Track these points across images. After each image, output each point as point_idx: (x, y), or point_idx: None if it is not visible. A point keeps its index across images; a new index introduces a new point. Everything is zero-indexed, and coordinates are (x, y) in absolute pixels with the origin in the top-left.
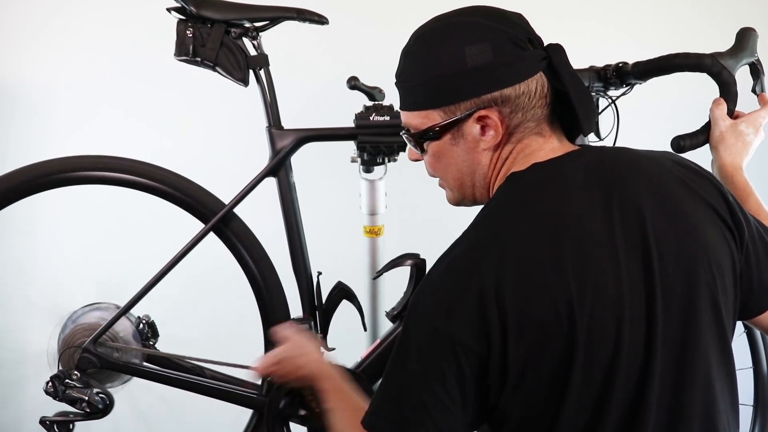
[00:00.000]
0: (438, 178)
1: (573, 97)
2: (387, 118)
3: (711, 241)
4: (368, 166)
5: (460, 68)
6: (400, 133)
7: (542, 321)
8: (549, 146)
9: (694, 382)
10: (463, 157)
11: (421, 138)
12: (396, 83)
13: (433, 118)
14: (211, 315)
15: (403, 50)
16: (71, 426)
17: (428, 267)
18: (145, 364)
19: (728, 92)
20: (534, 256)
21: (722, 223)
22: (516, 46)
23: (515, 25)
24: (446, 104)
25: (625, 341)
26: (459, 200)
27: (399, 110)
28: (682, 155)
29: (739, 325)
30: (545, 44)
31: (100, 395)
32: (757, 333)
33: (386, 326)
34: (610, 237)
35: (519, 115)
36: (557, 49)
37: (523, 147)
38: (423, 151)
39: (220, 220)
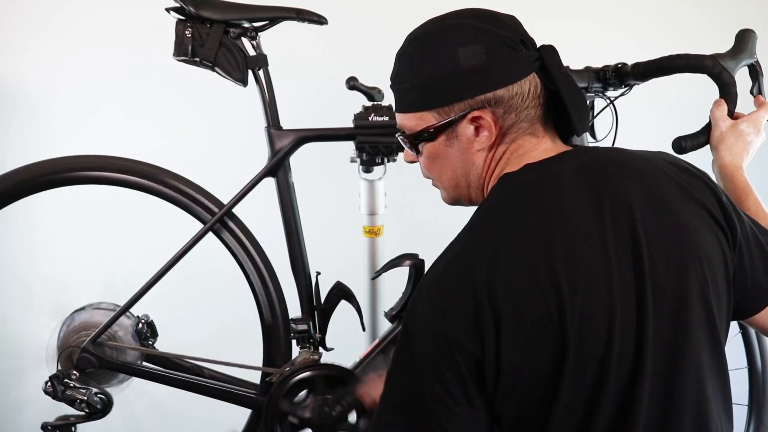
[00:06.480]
0: (432, 179)
1: (565, 97)
2: (386, 118)
3: (703, 241)
4: (367, 167)
5: (453, 70)
6: (395, 135)
7: (534, 320)
8: (542, 147)
9: (686, 381)
10: (458, 158)
11: (416, 139)
12: (391, 85)
13: (428, 119)
14: (210, 315)
15: (398, 53)
16: (73, 429)
17: (427, 267)
18: (144, 363)
19: (728, 93)
20: (525, 256)
21: (715, 223)
22: (509, 48)
23: (508, 26)
24: (440, 106)
25: (615, 340)
26: (454, 200)
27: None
28: (680, 156)
29: (734, 325)
30: (538, 45)
31: (99, 395)
32: (752, 333)
33: (385, 326)
34: (601, 236)
35: (512, 115)
36: (550, 50)
37: (517, 147)
38: (418, 152)
39: (219, 221)
